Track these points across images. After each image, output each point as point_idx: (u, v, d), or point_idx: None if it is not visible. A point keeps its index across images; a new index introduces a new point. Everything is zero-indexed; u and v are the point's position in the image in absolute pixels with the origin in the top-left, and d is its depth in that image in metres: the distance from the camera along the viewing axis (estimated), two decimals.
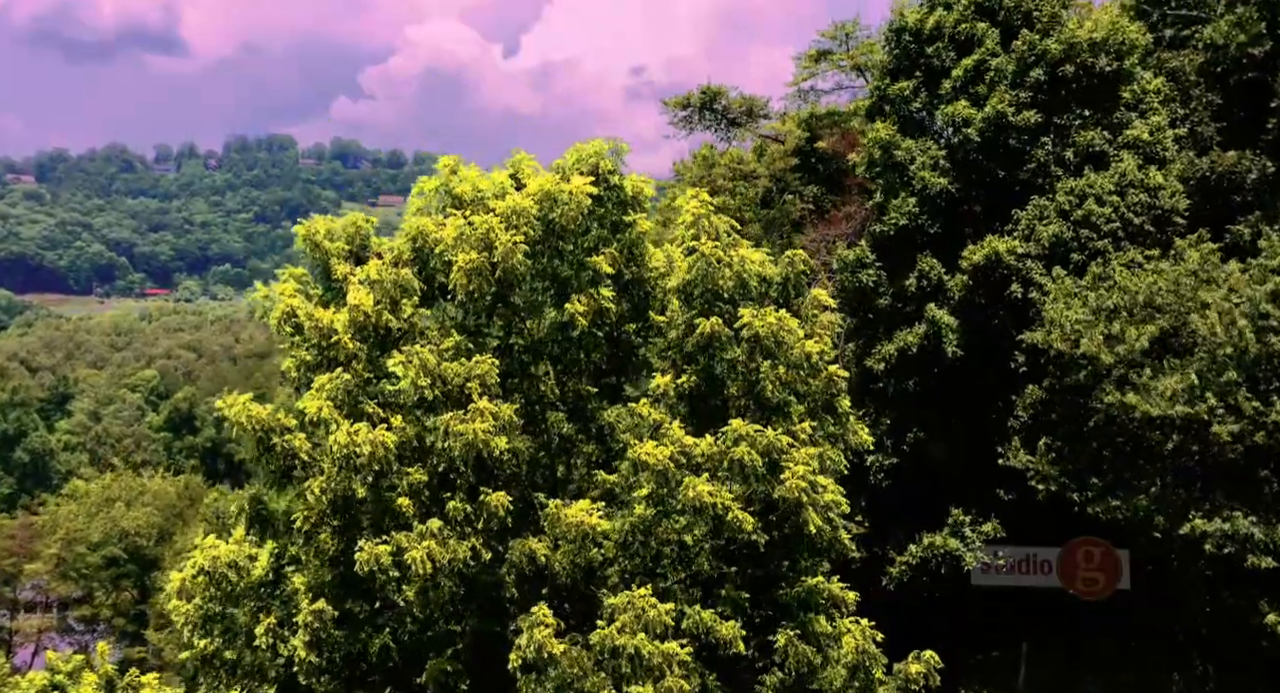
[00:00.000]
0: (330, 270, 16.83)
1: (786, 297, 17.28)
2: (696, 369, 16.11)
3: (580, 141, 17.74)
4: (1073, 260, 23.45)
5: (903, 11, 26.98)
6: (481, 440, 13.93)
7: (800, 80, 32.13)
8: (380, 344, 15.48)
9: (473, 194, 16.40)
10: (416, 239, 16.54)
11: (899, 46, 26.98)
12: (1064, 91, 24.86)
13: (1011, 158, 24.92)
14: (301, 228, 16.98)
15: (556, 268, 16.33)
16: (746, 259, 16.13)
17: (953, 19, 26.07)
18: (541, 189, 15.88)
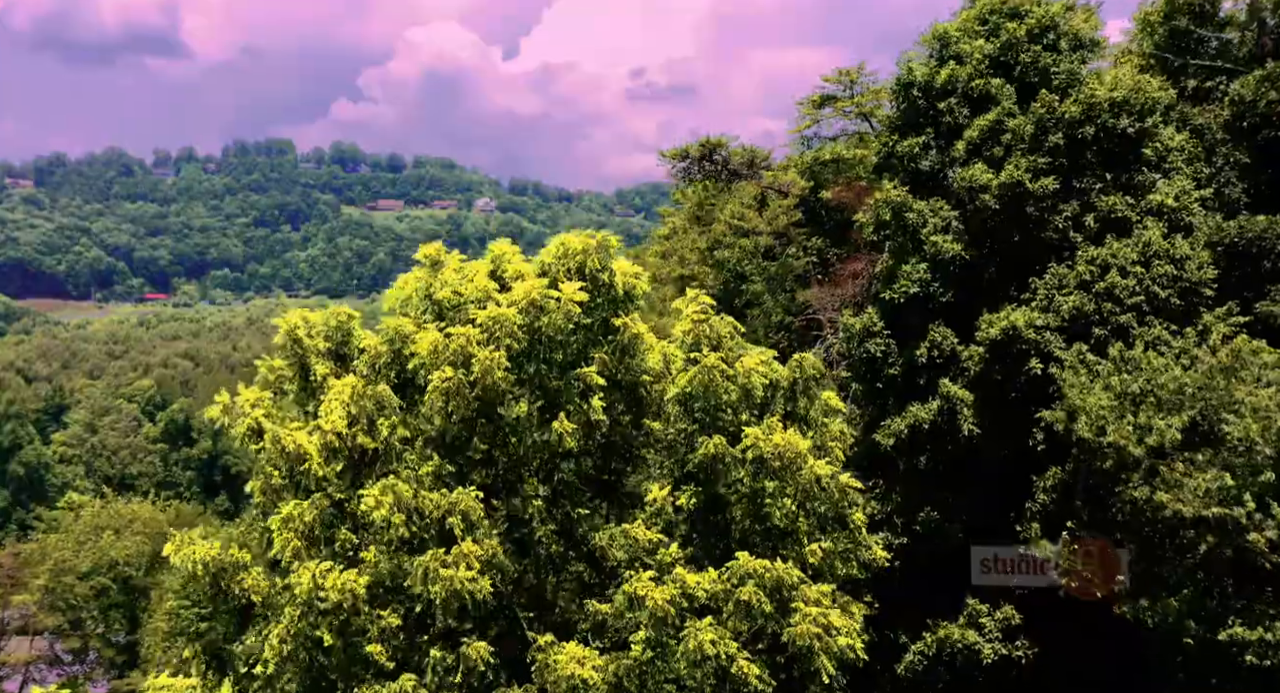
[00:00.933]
0: (309, 369, 15.58)
1: (794, 402, 16.01)
2: (698, 490, 14.82)
3: (566, 234, 16.52)
4: (1094, 335, 22.14)
5: (911, 66, 25.66)
6: (464, 588, 12.65)
7: (803, 127, 30.87)
8: (355, 466, 14.20)
9: (453, 300, 15.12)
10: (395, 340, 15.27)
11: (908, 101, 25.68)
12: (1084, 154, 23.57)
13: (1029, 224, 23.61)
14: (283, 322, 15.74)
15: (544, 377, 15.06)
16: (751, 371, 14.85)
17: (965, 74, 24.76)
18: (527, 296, 14.62)
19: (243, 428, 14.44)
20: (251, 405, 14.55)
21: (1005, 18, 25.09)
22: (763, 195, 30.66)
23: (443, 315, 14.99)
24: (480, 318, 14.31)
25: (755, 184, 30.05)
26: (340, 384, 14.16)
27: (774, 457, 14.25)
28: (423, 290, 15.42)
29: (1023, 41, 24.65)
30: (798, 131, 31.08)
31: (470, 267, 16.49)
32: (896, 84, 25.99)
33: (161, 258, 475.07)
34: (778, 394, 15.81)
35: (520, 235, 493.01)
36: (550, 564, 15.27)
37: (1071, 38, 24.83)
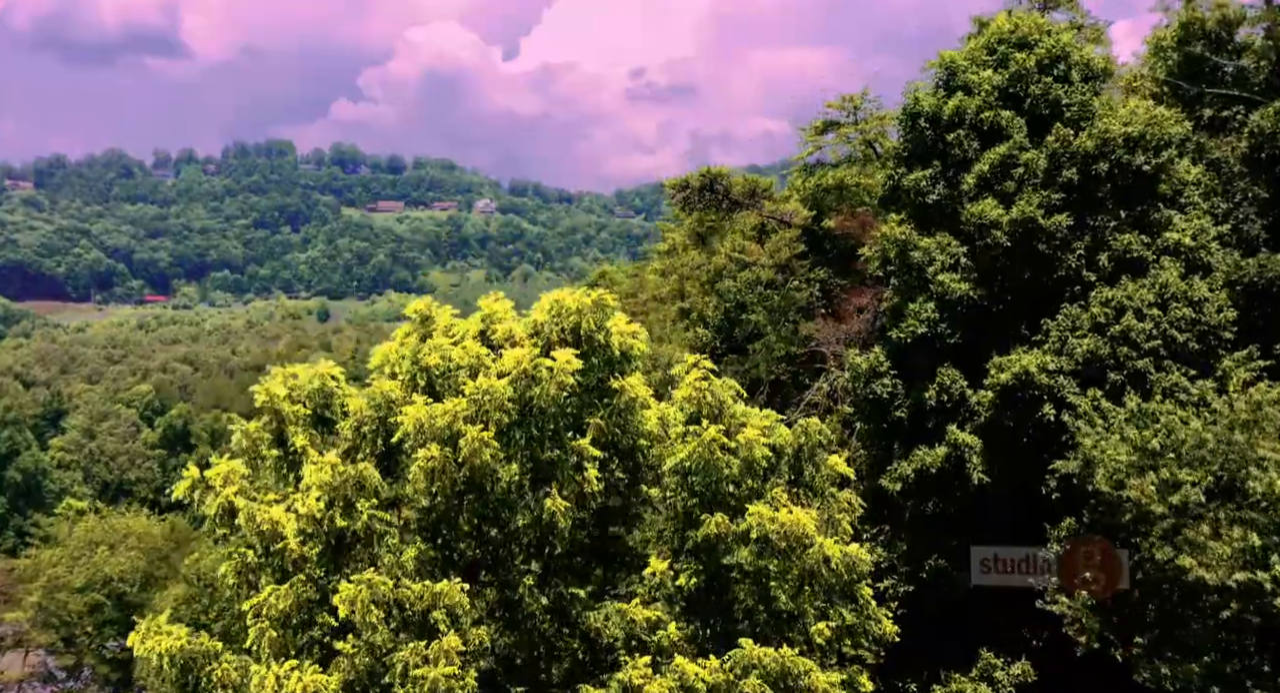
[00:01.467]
0: (287, 438, 14.78)
1: (799, 469, 15.20)
2: (698, 567, 14.02)
3: (560, 291, 15.73)
4: (1110, 380, 21.33)
5: (918, 95, 24.83)
6: (445, 687, 11.84)
7: (805, 154, 30.02)
8: (334, 548, 13.38)
9: (442, 366, 14.32)
10: (381, 406, 14.47)
11: (915, 132, 24.85)
12: (1098, 190, 22.75)
13: (1041, 262, 22.80)
14: (261, 389, 14.93)
15: (535, 448, 14.26)
16: (754, 443, 14.03)
17: (975, 105, 23.95)
18: (518, 365, 13.81)
19: (214, 507, 13.62)
20: (223, 481, 13.73)
21: (1014, 48, 24.27)
22: (764, 225, 29.87)
23: (432, 384, 14.20)
24: (469, 389, 13.52)
25: (757, 214, 29.25)
26: (318, 464, 13.33)
27: (779, 537, 13.46)
28: (410, 355, 14.59)
29: (1033, 73, 23.84)
30: (800, 159, 30.26)
31: (460, 326, 15.71)
32: (903, 114, 25.17)
33: (161, 260, 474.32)
34: (782, 461, 15.02)
35: (520, 236, 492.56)
36: (543, 643, 14.47)
37: (1083, 67, 24.02)
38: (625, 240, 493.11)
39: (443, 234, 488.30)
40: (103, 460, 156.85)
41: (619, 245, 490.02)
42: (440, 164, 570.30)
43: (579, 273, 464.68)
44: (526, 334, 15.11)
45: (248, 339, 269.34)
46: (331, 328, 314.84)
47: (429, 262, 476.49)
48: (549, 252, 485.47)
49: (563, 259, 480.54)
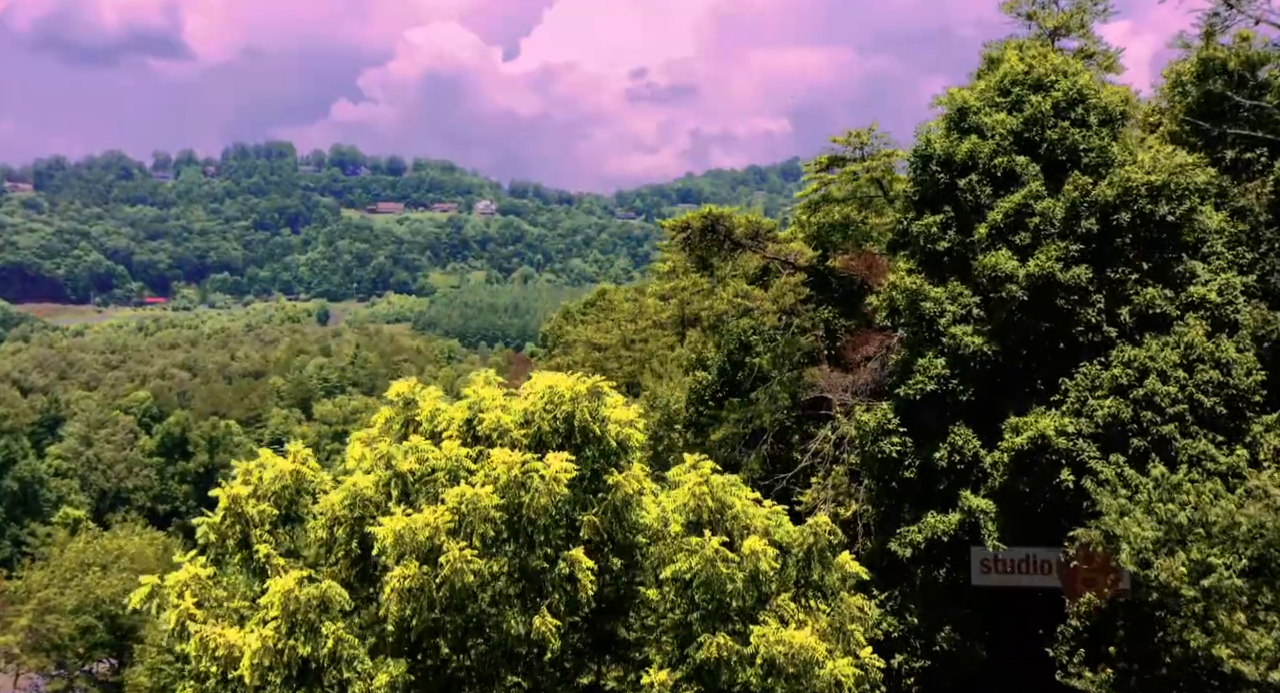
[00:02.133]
0: (251, 543, 13.70)
1: (808, 573, 14.11)
2: (700, 689, 12.93)
3: (554, 376, 14.64)
4: (1132, 445, 20.24)
5: (929, 138, 23.72)
6: None
7: (810, 191, 28.92)
8: (298, 676, 12.29)
9: (422, 470, 13.23)
10: (355, 505, 13.40)
11: (925, 176, 23.75)
12: (1118, 242, 21.65)
13: (1059, 317, 21.70)
14: (222, 492, 13.85)
15: (524, 557, 13.18)
16: (759, 554, 12.94)
17: (988, 150, 22.84)
18: (507, 471, 12.73)
19: (172, 620, 12.57)
20: (179, 592, 12.65)
21: (1029, 90, 23.18)
22: (767, 267, 28.80)
23: (408, 492, 13.11)
24: (451, 498, 12.44)
25: (760, 256, 28.19)
26: (278, 586, 12.24)
27: (786, 659, 12.39)
28: (386, 459, 13.46)
29: (1049, 116, 22.74)
30: (804, 196, 29.15)
31: (445, 414, 14.61)
32: (913, 156, 24.08)
33: (161, 262, 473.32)
34: (790, 561, 13.94)
35: (520, 238, 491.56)
36: None
37: (1101, 111, 22.91)
38: (626, 242, 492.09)
39: (443, 236, 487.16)
40: (100, 468, 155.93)
41: (619, 247, 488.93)
42: (440, 166, 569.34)
43: (579, 274, 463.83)
44: (516, 423, 14.03)
45: (247, 343, 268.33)
46: (331, 331, 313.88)
47: (429, 263, 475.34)
48: (549, 253, 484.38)
49: (563, 261, 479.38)
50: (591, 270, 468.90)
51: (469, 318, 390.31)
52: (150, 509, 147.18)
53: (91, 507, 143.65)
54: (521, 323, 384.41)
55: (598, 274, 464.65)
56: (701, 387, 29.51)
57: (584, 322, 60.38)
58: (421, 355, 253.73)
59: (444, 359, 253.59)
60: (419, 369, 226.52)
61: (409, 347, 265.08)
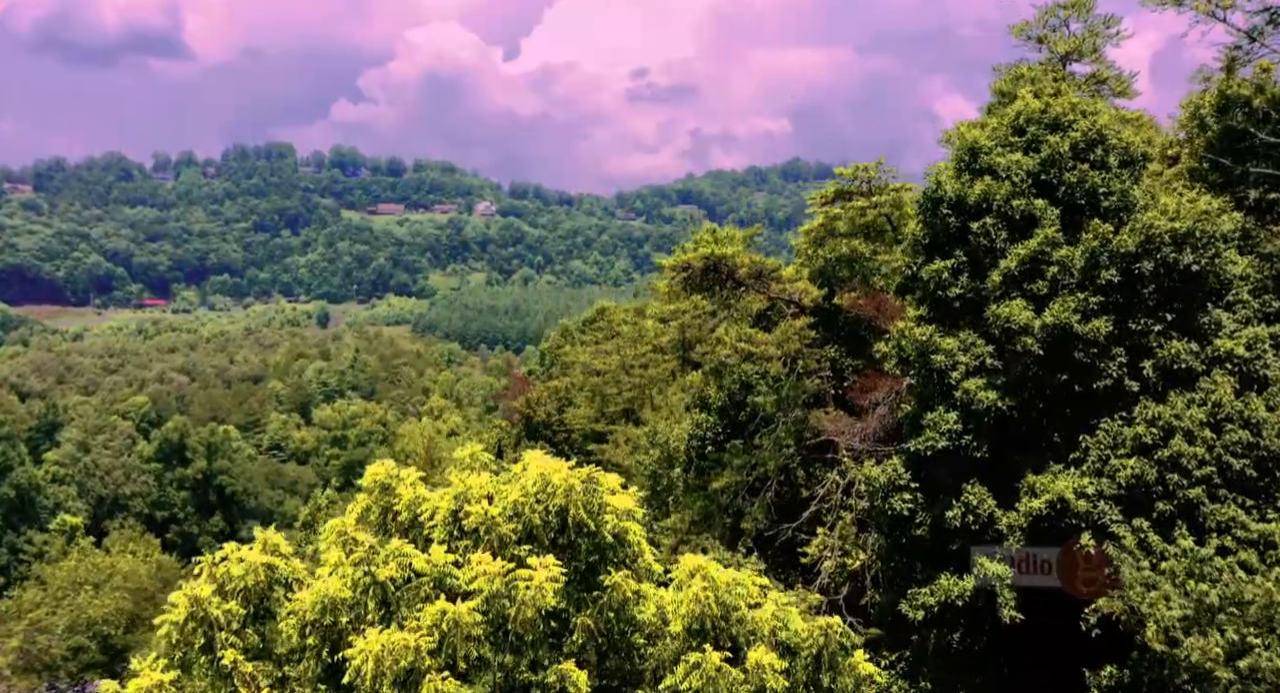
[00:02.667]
0: (216, 648, 12.67)
1: (817, 680, 13.09)
2: None
3: (549, 466, 13.59)
4: (1157, 509, 19.23)
5: (939, 179, 22.68)
6: None
7: (815, 225, 27.89)
8: None
9: (403, 576, 12.21)
10: (326, 611, 12.39)
11: (936, 218, 22.72)
12: (1141, 292, 20.62)
13: (1078, 371, 20.68)
14: (181, 596, 12.82)
15: (511, 670, 12.16)
16: (765, 668, 11.92)
17: (1003, 193, 21.80)
18: (488, 578, 11.72)
19: None
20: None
21: (1045, 129, 22.14)
22: (772, 305, 27.79)
23: (388, 602, 12.08)
24: (430, 616, 11.42)
25: (763, 297, 27.18)
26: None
27: None
28: (363, 565, 12.41)
29: (1066, 158, 21.70)
30: (808, 229, 28.13)
31: (428, 504, 13.57)
32: (923, 198, 23.04)
33: (160, 263, 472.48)
34: (798, 667, 12.92)
35: (521, 239, 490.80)
36: None
37: (1121, 152, 21.86)
38: (626, 243, 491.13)
39: (443, 237, 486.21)
40: (98, 475, 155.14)
41: (620, 248, 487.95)
42: (440, 166, 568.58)
43: (579, 276, 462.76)
44: (505, 517, 13.01)
45: (246, 347, 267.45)
46: (331, 334, 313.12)
47: (429, 265, 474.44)
48: (549, 255, 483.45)
49: (563, 262, 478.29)
50: (592, 272, 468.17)
51: (469, 320, 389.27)
52: (148, 516, 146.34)
53: (89, 514, 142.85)
54: (522, 325, 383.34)
55: (598, 276, 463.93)
56: (702, 429, 28.54)
57: (583, 341, 59.42)
58: (421, 359, 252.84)
59: (444, 363, 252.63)
60: (418, 373, 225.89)
61: (409, 350, 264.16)
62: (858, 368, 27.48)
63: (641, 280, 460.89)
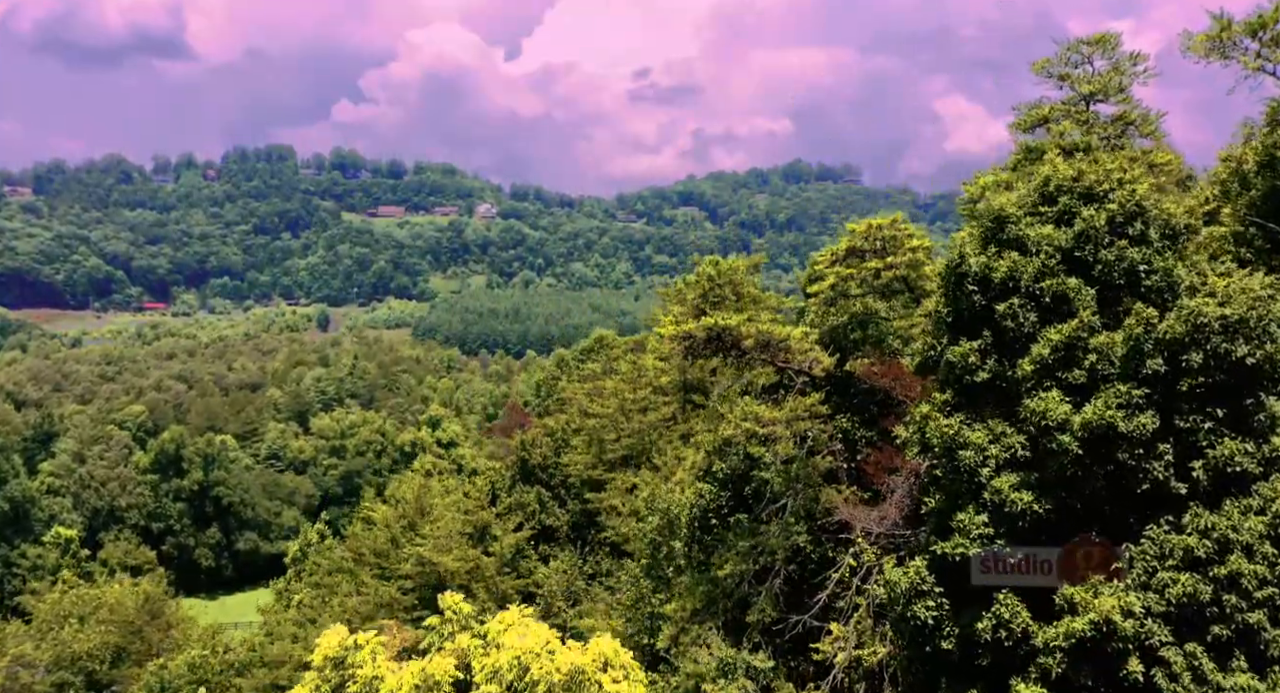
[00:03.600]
0: None
1: None
2: None
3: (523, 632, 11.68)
4: (1212, 633, 17.30)
5: (964, 251, 20.72)
6: None
7: (825, 285, 25.96)
8: None
9: None
10: None
11: (960, 294, 20.77)
12: (1189, 384, 18.67)
13: (1120, 471, 18.74)
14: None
15: None
16: None
17: (1033, 270, 19.87)
18: None
19: None
20: None
21: (1079, 200, 20.20)
22: (781, 375, 25.86)
23: None
24: None
25: (771, 371, 25.26)
26: None
27: None
28: None
29: (1102, 232, 19.77)
30: (818, 290, 26.20)
31: (387, 685, 11.66)
32: (946, 271, 21.11)
33: (160, 266, 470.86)
34: None
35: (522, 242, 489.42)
36: None
37: (1162, 225, 19.92)
38: (627, 245, 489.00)
39: (443, 240, 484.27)
40: (93, 486, 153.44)
41: (620, 250, 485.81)
42: (441, 168, 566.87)
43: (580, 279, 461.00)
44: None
45: (244, 354, 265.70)
46: (330, 340, 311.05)
47: (430, 267, 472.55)
48: (550, 257, 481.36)
49: (564, 264, 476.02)
50: (593, 274, 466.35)
51: (469, 323, 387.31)
52: (144, 528, 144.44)
53: (84, 526, 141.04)
54: (522, 328, 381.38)
55: (599, 278, 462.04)
56: (705, 500, 26.65)
57: (580, 372, 57.48)
58: (421, 366, 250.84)
59: (444, 369, 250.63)
60: (418, 380, 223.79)
61: (408, 356, 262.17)
62: (871, 440, 25.56)
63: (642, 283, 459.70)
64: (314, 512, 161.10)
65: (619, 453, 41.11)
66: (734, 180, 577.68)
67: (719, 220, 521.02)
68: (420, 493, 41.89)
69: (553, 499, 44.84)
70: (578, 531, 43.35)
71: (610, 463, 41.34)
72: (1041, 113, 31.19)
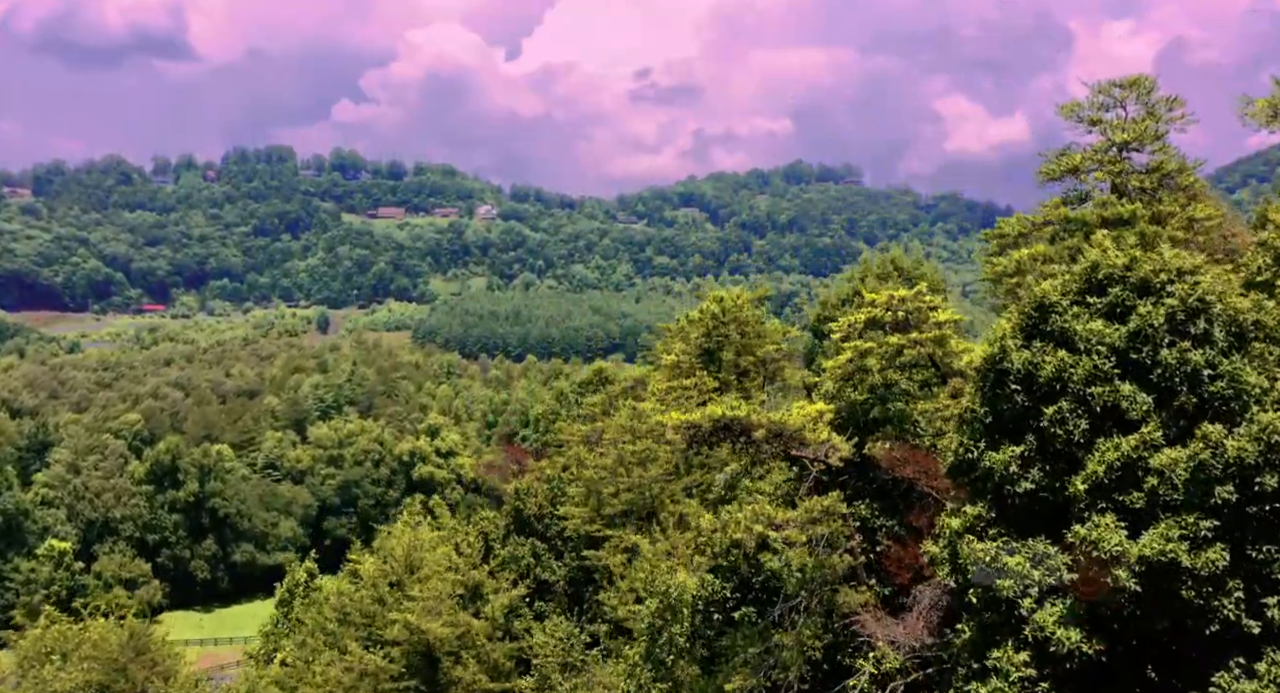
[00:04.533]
0: None
1: None
2: None
3: None
4: None
5: (1005, 345, 18.49)
6: None
7: (842, 360, 23.71)
8: None
9: None
10: None
11: (1001, 393, 18.56)
12: (1262, 509, 16.45)
13: (1184, 610, 16.52)
14: None
15: None
16: None
17: (1082, 372, 17.63)
18: None
19: None
20: None
21: (1132, 293, 17.97)
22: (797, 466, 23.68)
23: None
24: None
25: (784, 467, 23.12)
26: None
27: None
28: None
29: (1160, 331, 17.53)
30: (836, 365, 23.97)
31: None
32: (984, 366, 18.90)
33: (160, 268, 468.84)
34: None
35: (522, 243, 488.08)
36: None
37: (1227, 323, 17.69)
38: (628, 247, 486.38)
39: (444, 241, 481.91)
40: (88, 497, 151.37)
41: (621, 252, 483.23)
42: (441, 170, 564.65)
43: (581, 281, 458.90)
44: None
45: (243, 359, 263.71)
46: (329, 344, 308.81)
47: (430, 269, 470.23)
48: (551, 259, 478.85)
49: (564, 266, 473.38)
50: (594, 276, 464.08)
51: (469, 326, 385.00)
52: (139, 540, 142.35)
53: (78, 538, 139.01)
54: (523, 331, 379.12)
55: (599, 280, 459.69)
56: (709, 590, 24.49)
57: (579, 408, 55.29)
58: (420, 371, 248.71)
59: (443, 375, 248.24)
60: (417, 386, 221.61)
61: (407, 362, 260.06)
62: (893, 530, 23.35)
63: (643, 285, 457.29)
64: (311, 523, 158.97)
65: (618, 508, 38.93)
66: (735, 181, 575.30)
67: (720, 221, 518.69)
68: (409, 549, 39.69)
69: (548, 551, 42.67)
70: (574, 586, 41.20)
71: (609, 519, 39.16)
72: (1072, 162, 29.01)
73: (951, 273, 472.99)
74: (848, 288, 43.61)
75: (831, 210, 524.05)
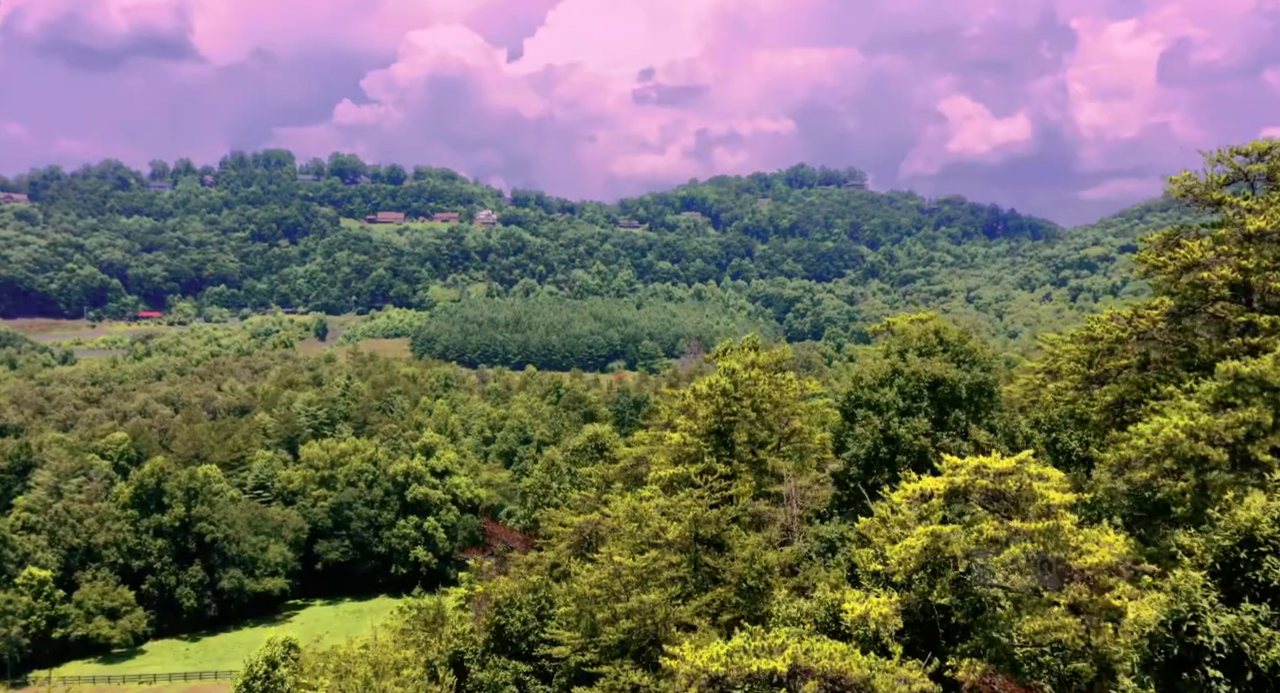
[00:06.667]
0: None
1: None
2: None
3: None
4: None
5: (1195, 603, 11.97)
6: None
7: (917, 546, 17.20)
8: None
9: None
10: None
11: (1194, 681, 12.04)
12: None
13: None
14: None
15: None
16: None
17: None
18: None
19: None
20: None
21: None
22: None
23: None
24: None
25: None
26: None
27: None
28: None
29: None
30: (908, 553, 17.49)
31: None
32: (1163, 634, 12.36)
33: (156, 274, 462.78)
34: None
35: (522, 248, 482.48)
36: None
37: None
38: (629, 252, 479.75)
39: (443, 246, 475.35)
40: (69, 522, 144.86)
41: (622, 257, 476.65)
42: (441, 174, 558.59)
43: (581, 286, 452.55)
44: None
45: (236, 372, 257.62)
46: (325, 355, 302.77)
47: (429, 275, 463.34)
48: (551, 264, 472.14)
49: (565, 271, 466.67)
50: (595, 282, 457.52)
51: (469, 333, 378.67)
52: (123, 566, 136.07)
53: (59, 565, 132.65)
54: (522, 338, 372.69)
55: (600, 286, 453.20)
56: None
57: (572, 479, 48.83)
58: (416, 385, 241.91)
59: (440, 387, 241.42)
60: (413, 401, 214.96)
61: (404, 374, 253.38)
62: None
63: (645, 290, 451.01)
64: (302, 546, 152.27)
65: (615, 637, 32.47)
66: (737, 185, 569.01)
67: (721, 225, 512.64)
68: (368, 677, 33.27)
69: (533, 675, 36.15)
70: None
71: (604, 649, 32.71)
72: (1192, 257, 22.39)
73: (956, 278, 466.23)
74: (885, 365, 37.09)
75: (834, 214, 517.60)
